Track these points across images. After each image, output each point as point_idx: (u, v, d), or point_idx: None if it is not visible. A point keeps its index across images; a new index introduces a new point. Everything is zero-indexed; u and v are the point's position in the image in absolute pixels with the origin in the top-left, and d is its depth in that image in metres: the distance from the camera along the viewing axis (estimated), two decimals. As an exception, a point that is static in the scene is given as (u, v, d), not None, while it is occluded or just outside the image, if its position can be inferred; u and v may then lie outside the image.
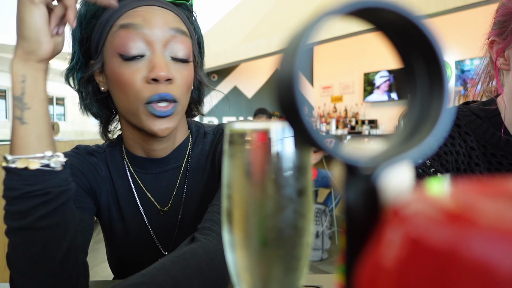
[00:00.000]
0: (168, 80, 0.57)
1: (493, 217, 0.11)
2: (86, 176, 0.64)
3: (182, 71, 0.60)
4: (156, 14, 0.57)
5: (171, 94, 0.57)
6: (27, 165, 0.46)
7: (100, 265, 2.63)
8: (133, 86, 0.56)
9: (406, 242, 0.13)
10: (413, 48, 0.17)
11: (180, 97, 0.59)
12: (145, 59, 0.57)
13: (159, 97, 0.56)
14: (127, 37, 0.56)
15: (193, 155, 0.69)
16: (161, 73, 0.55)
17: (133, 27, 0.56)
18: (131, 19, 0.56)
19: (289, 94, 0.16)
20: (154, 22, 0.57)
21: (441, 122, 0.16)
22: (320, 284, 0.53)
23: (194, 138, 0.71)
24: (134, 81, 0.56)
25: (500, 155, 0.65)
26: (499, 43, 0.63)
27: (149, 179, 0.68)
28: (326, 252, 2.90)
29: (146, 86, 0.56)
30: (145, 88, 0.56)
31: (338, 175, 0.17)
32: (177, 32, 0.59)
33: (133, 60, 0.56)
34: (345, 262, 0.17)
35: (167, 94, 0.57)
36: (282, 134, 0.24)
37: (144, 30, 0.56)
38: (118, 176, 0.68)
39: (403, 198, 0.15)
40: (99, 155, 0.68)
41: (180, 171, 0.68)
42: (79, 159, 0.65)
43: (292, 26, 0.17)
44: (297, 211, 0.24)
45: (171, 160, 0.68)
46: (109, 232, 0.69)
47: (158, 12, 0.58)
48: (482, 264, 0.10)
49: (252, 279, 0.25)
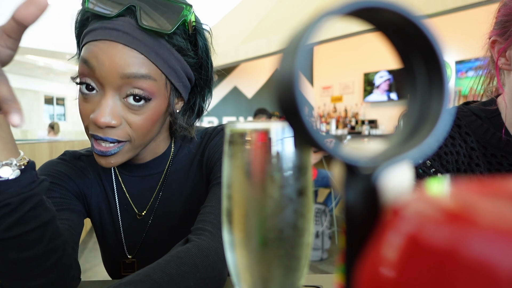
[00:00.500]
0: (110, 127, 0.54)
1: (493, 217, 0.11)
2: (74, 180, 0.66)
3: (139, 113, 0.55)
4: (112, 55, 0.52)
5: (112, 137, 0.54)
6: None
7: (100, 265, 2.63)
8: (83, 117, 0.56)
9: (406, 242, 0.13)
10: (413, 48, 0.17)
11: (132, 137, 0.56)
12: (97, 95, 0.54)
13: (98, 137, 0.54)
14: (83, 72, 0.53)
15: (177, 160, 0.69)
16: (101, 119, 0.52)
17: (88, 65, 0.53)
18: (87, 55, 0.53)
19: (289, 94, 0.16)
20: (107, 65, 0.52)
21: (441, 122, 0.16)
22: (320, 284, 0.53)
23: (179, 143, 0.70)
24: (84, 114, 0.55)
25: (501, 156, 0.65)
26: (500, 43, 0.63)
27: (135, 182, 0.69)
28: (326, 252, 2.90)
29: (92, 124, 0.55)
30: (90, 124, 0.55)
31: (338, 175, 0.17)
32: (134, 77, 0.53)
33: (87, 95, 0.54)
34: (345, 262, 0.17)
35: (107, 137, 0.54)
36: (282, 134, 0.24)
37: (96, 70, 0.52)
38: (106, 178, 0.69)
39: (403, 198, 0.15)
40: (86, 159, 0.70)
41: (162, 176, 0.69)
42: (66, 165, 0.66)
43: (292, 26, 0.17)
44: (297, 211, 0.24)
45: (155, 165, 0.69)
46: (100, 232, 0.71)
47: (115, 52, 0.52)
48: (482, 264, 0.10)
49: (252, 279, 0.25)
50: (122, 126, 0.55)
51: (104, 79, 0.52)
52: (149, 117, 0.56)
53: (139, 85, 0.53)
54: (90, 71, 0.52)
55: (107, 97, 0.53)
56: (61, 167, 0.65)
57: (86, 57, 0.53)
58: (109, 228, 0.70)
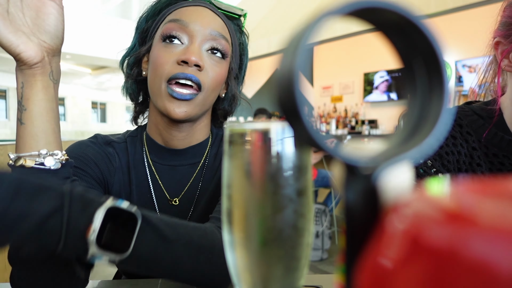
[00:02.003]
0: (198, 66, 0.61)
1: (493, 217, 0.11)
2: (99, 166, 0.66)
3: (215, 65, 0.64)
4: (204, 15, 0.64)
5: (197, 77, 0.61)
6: (22, 163, 0.47)
7: (100, 265, 2.63)
8: (163, 65, 0.62)
9: (406, 242, 0.13)
10: (413, 48, 0.17)
11: (206, 87, 0.63)
12: (183, 46, 0.63)
13: (183, 75, 0.60)
14: (173, 28, 0.63)
15: (211, 155, 0.73)
16: (192, 57, 0.60)
17: (180, 22, 0.63)
18: (180, 15, 0.64)
19: (289, 94, 0.16)
20: (200, 20, 0.63)
21: (441, 122, 0.16)
22: (320, 284, 0.53)
23: (214, 139, 0.75)
24: (165, 61, 0.62)
25: (502, 156, 0.65)
26: (504, 45, 0.62)
27: (165, 170, 0.70)
28: (326, 252, 2.90)
29: (175, 66, 0.61)
30: (173, 67, 0.61)
31: (338, 175, 0.17)
32: (218, 35, 0.64)
33: (172, 44, 0.63)
34: (345, 262, 0.17)
35: (192, 76, 0.60)
36: (282, 134, 0.24)
37: (189, 25, 0.62)
38: (134, 165, 0.70)
39: (403, 198, 0.15)
40: (117, 145, 0.71)
41: (197, 168, 0.71)
42: (94, 149, 0.67)
43: (292, 26, 0.17)
44: (297, 211, 0.24)
45: (189, 155, 0.71)
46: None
47: (206, 13, 0.65)
48: (482, 264, 0.10)
49: (252, 279, 0.25)
50: (204, 72, 0.63)
51: (197, 32, 0.62)
52: (220, 74, 0.66)
53: (221, 42, 0.64)
54: (182, 26, 0.62)
55: (197, 45, 0.62)
56: (89, 151, 0.66)
57: (178, 17, 0.63)
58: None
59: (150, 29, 0.68)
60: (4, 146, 2.12)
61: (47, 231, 0.36)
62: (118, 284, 0.61)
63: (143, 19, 0.70)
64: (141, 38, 0.70)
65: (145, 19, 0.69)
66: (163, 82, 0.61)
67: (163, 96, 0.61)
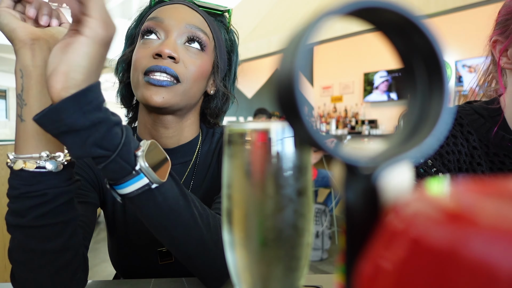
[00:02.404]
0: (172, 59, 0.61)
1: (493, 217, 0.11)
2: (92, 169, 0.66)
3: (194, 57, 0.64)
4: (180, 11, 0.65)
5: (172, 69, 0.60)
6: (23, 166, 0.45)
7: (100, 265, 2.63)
8: (141, 59, 0.62)
9: (406, 242, 0.13)
10: (413, 48, 0.17)
11: (185, 78, 0.62)
12: (159, 41, 0.63)
13: (157, 68, 0.59)
14: (150, 25, 0.64)
15: (202, 153, 0.73)
16: (166, 49, 0.59)
17: (156, 19, 0.64)
18: (157, 14, 0.65)
19: (289, 94, 0.16)
20: (175, 16, 0.64)
21: (441, 122, 0.16)
22: (320, 284, 0.53)
23: (204, 136, 0.75)
24: (143, 55, 0.62)
25: (503, 155, 0.65)
26: (501, 42, 0.62)
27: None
28: (326, 252, 2.90)
29: (150, 59, 0.61)
30: (149, 61, 0.61)
31: (338, 175, 0.17)
32: (195, 28, 0.64)
33: (149, 40, 0.63)
34: (345, 262, 0.17)
35: (167, 68, 0.60)
36: (282, 134, 0.24)
37: (164, 21, 0.63)
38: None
39: (403, 198, 0.15)
40: None
41: (188, 166, 0.71)
42: None
43: (292, 26, 0.17)
44: (297, 211, 0.24)
45: (179, 154, 0.70)
46: (112, 222, 0.71)
47: (183, 9, 0.65)
48: (482, 264, 0.10)
49: (252, 279, 0.25)
50: (180, 64, 0.62)
51: (172, 26, 0.63)
52: (201, 67, 0.65)
53: (198, 35, 0.64)
54: (158, 22, 0.63)
55: (172, 39, 0.62)
56: None
57: (155, 15, 0.64)
58: (135, 218, 0.69)
59: (134, 34, 0.70)
60: (4, 146, 2.12)
61: (114, 133, 0.41)
62: (117, 284, 0.61)
63: (132, 28, 0.72)
64: (129, 44, 0.72)
65: (134, 28, 0.71)
66: (140, 74, 0.61)
67: (141, 85, 0.61)
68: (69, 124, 0.38)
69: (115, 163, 0.41)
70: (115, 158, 0.41)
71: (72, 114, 0.38)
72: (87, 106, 0.39)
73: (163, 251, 0.69)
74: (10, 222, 0.47)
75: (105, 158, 0.41)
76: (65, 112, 0.38)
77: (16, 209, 0.46)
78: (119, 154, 0.41)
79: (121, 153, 0.41)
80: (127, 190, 0.43)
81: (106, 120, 0.40)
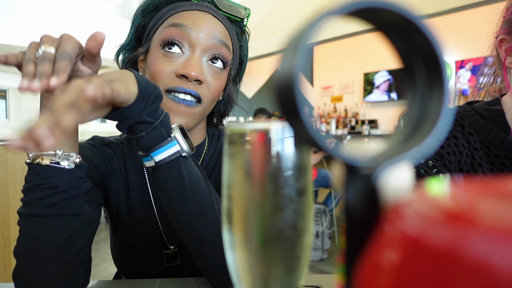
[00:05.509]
0: (198, 81, 0.60)
1: (493, 217, 0.11)
2: (98, 168, 0.66)
3: (215, 77, 0.63)
4: (206, 21, 0.62)
5: (196, 91, 0.60)
6: (39, 161, 0.49)
7: (100, 265, 2.63)
8: (162, 75, 0.61)
9: (406, 242, 0.13)
10: (413, 48, 0.17)
11: (206, 100, 0.62)
12: (183, 56, 0.61)
13: (182, 89, 0.60)
14: (174, 34, 0.61)
15: (208, 156, 0.73)
16: (192, 72, 0.59)
17: (181, 27, 0.61)
18: (182, 20, 0.61)
19: (289, 94, 0.16)
20: (202, 27, 0.61)
21: (441, 122, 0.16)
22: (320, 284, 0.53)
23: (210, 139, 0.75)
24: (164, 71, 0.60)
25: (504, 156, 0.64)
26: (508, 42, 0.61)
27: None
28: (326, 252, 2.89)
29: (173, 79, 0.60)
30: (172, 80, 0.60)
31: (338, 175, 0.17)
32: (220, 43, 0.63)
33: (172, 54, 0.61)
34: (345, 262, 0.17)
35: (192, 91, 0.60)
36: (282, 134, 0.24)
37: (190, 32, 0.61)
38: (133, 168, 0.70)
39: (403, 198, 0.15)
40: (115, 147, 0.70)
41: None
42: (93, 150, 0.66)
43: (292, 26, 0.17)
44: (297, 211, 0.24)
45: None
46: (115, 222, 0.71)
47: (208, 19, 0.63)
48: (482, 264, 0.10)
49: (252, 279, 0.25)
50: (204, 85, 0.62)
51: (199, 39, 0.61)
52: (220, 85, 0.65)
53: (222, 52, 0.63)
54: (183, 33, 0.61)
55: (197, 56, 0.61)
56: (88, 153, 0.65)
57: (180, 22, 0.61)
58: (141, 218, 0.69)
59: (147, 27, 0.66)
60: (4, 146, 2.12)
61: (157, 107, 0.49)
62: (118, 284, 0.61)
63: (139, 13, 0.67)
64: (137, 34, 0.68)
65: (141, 13, 0.67)
66: (161, 89, 0.59)
67: (164, 101, 0.61)
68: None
69: (155, 130, 0.48)
70: (157, 126, 0.48)
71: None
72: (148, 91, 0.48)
73: (169, 253, 0.69)
74: (22, 212, 0.50)
75: (150, 124, 0.48)
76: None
77: (28, 200, 0.49)
78: (160, 123, 0.49)
79: (162, 122, 0.49)
80: (160, 157, 0.49)
81: (158, 96, 0.48)
